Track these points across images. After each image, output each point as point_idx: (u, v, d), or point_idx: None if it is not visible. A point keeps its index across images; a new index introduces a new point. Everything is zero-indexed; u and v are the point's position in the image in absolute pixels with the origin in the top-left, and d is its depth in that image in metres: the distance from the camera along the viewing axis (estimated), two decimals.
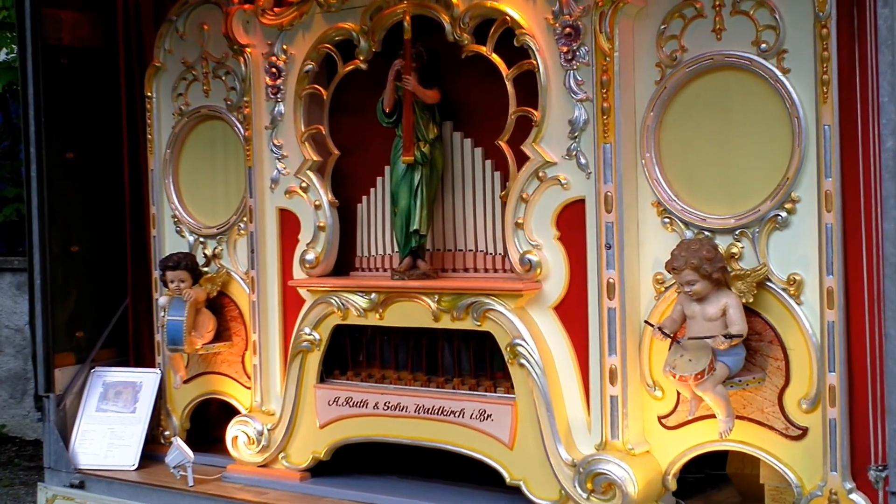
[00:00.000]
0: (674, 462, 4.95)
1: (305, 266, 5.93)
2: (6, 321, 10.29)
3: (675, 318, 4.82)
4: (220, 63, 6.41)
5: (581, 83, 5.04)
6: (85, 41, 6.90)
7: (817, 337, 4.57)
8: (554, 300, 5.20)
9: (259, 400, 6.15)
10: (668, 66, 4.89)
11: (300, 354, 5.88)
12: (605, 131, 4.94)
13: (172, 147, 6.65)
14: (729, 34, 4.74)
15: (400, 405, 5.59)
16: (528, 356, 5.16)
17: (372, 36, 5.68)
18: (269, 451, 6.00)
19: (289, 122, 6.00)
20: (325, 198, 5.91)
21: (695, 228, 4.85)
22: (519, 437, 5.23)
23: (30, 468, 9.06)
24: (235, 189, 6.38)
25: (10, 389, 10.35)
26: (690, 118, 4.87)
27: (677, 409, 4.93)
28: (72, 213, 6.82)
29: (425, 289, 5.47)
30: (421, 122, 5.54)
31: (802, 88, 4.56)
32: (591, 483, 4.96)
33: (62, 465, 6.50)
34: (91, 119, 6.91)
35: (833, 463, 4.54)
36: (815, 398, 4.59)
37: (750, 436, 4.76)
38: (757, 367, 4.74)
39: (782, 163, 4.64)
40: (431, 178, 5.57)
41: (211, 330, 6.41)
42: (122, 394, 6.67)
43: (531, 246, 5.21)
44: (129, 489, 6.21)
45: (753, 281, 4.69)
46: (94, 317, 6.94)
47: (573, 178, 5.09)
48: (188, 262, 6.37)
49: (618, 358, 4.95)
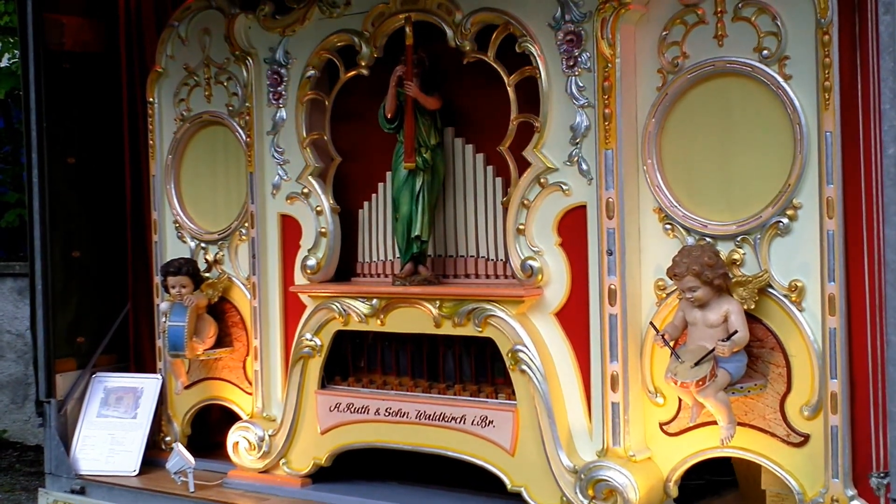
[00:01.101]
0: (675, 469, 4.95)
1: (307, 272, 5.92)
2: (7, 326, 10.29)
3: (676, 325, 4.81)
4: (222, 68, 6.41)
5: (582, 89, 5.04)
6: (87, 46, 6.90)
7: (819, 343, 4.56)
8: (555, 306, 5.20)
9: (260, 406, 6.14)
10: (670, 72, 4.89)
11: (301, 360, 5.88)
12: (606, 137, 4.93)
13: (174, 152, 6.65)
14: (730, 40, 4.74)
15: (401, 411, 5.59)
16: (530, 362, 5.15)
17: (374, 42, 5.68)
18: (270, 456, 6.00)
19: (290, 127, 6.00)
20: (327, 203, 5.91)
21: (696, 235, 4.85)
22: (520, 444, 5.23)
23: (31, 473, 9.06)
24: (237, 194, 6.38)
25: (12, 394, 10.35)
26: (692, 124, 4.86)
27: (679, 416, 4.92)
28: (73, 218, 6.82)
29: (427, 295, 5.46)
30: (422, 128, 5.54)
31: (804, 95, 4.56)
32: (593, 489, 4.95)
33: (63, 470, 6.50)
34: (92, 124, 6.91)
35: (835, 470, 4.53)
36: (817, 405, 4.58)
37: (751, 442, 4.75)
38: (758, 373, 4.73)
39: (784, 169, 4.63)
40: (433, 184, 5.57)
41: (212, 335, 6.40)
42: (123, 399, 6.67)
43: (532, 252, 5.21)
44: (130, 495, 6.21)
45: (755, 287, 4.68)
46: (96, 322, 6.93)
47: (575, 185, 5.09)
48: (189, 268, 6.36)
49: (619, 364, 4.94)
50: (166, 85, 6.68)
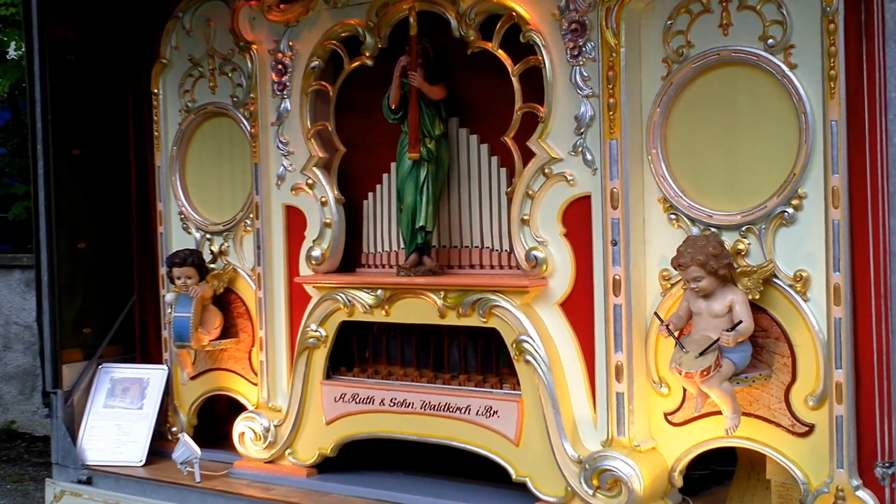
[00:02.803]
0: (680, 459, 4.95)
1: (311, 263, 5.93)
2: (15, 318, 10.32)
3: (681, 315, 4.81)
4: (227, 59, 6.40)
5: (587, 79, 5.02)
6: (91, 38, 6.90)
7: (824, 333, 4.55)
8: (560, 297, 5.20)
9: (266, 396, 6.15)
10: (675, 61, 4.87)
11: (306, 351, 5.88)
12: (611, 127, 4.92)
13: (179, 144, 6.66)
14: (736, 29, 4.72)
15: (406, 401, 5.59)
16: (534, 353, 5.15)
17: (378, 32, 5.67)
18: (276, 447, 6.01)
19: (295, 118, 6.00)
20: (332, 194, 5.91)
21: (701, 225, 4.84)
22: (525, 434, 5.23)
23: (39, 464, 9.10)
24: (242, 186, 6.38)
25: (20, 385, 10.38)
26: (697, 114, 4.85)
27: (683, 406, 4.92)
28: (78, 210, 6.83)
29: (431, 285, 5.46)
30: (427, 119, 5.53)
31: (809, 84, 4.54)
32: (597, 479, 4.96)
33: (70, 461, 6.52)
34: (97, 116, 6.90)
35: (840, 459, 4.52)
36: (822, 395, 4.58)
37: (756, 432, 4.75)
38: (763, 363, 4.73)
39: (789, 159, 4.62)
40: (437, 174, 5.56)
41: (217, 326, 6.41)
42: (130, 390, 6.68)
43: (537, 242, 5.20)
44: (137, 485, 6.23)
45: (760, 277, 4.67)
46: (102, 313, 6.95)
47: (579, 175, 5.08)
48: (195, 259, 6.37)
49: (624, 355, 4.94)
50: (171, 76, 6.67)
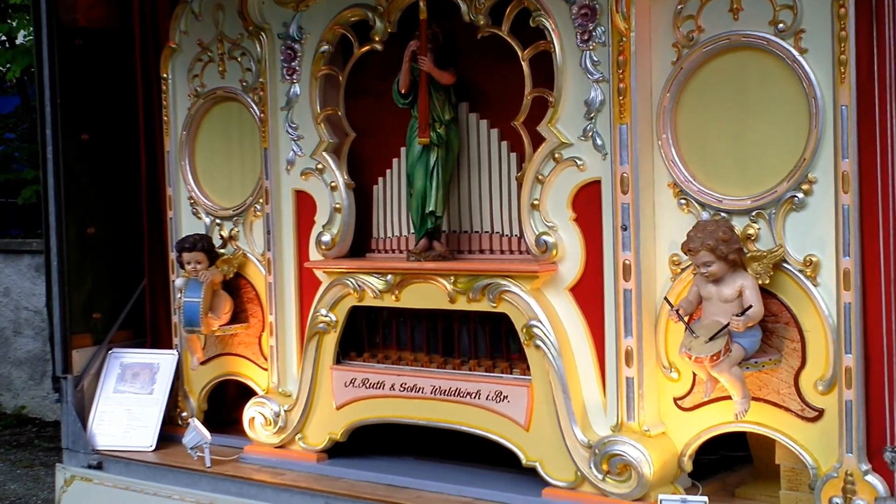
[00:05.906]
0: (689, 443, 4.95)
1: (321, 248, 5.93)
2: (25, 303, 10.35)
3: (691, 300, 4.81)
4: (236, 44, 6.39)
5: (597, 64, 5.01)
6: (100, 22, 6.89)
7: (833, 318, 4.55)
8: (570, 281, 5.19)
9: (276, 381, 6.16)
10: (685, 46, 4.86)
11: (317, 336, 5.89)
12: (621, 112, 4.92)
13: (188, 128, 6.66)
14: (746, 14, 4.71)
15: (416, 386, 5.60)
16: (544, 337, 5.15)
17: (387, 17, 5.66)
18: (286, 432, 6.03)
19: (304, 103, 5.99)
20: (341, 179, 5.91)
21: (711, 210, 4.84)
22: (535, 419, 5.24)
23: (49, 449, 9.13)
24: (251, 170, 6.38)
25: (30, 371, 10.42)
26: (707, 99, 4.84)
27: (693, 391, 4.92)
28: (88, 194, 6.84)
29: (441, 270, 5.46)
30: (437, 104, 5.52)
31: (820, 68, 4.53)
32: (607, 464, 4.97)
33: (80, 446, 6.55)
34: (106, 100, 6.90)
35: (849, 444, 4.52)
36: (832, 380, 4.58)
37: (766, 417, 4.75)
38: (773, 348, 4.73)
39: (799, 144, 4.61)
40: (447, 159, 5.56)
41: (227, 311, 6.42)
42: (140, 375, 6.70)
43: (547, 227, 5.20)
44: (147, 470, 6.25)
45: (770, 262, 4.67)
46: (111, 298, 6.96)
47: (589, 160, 5.08)
48: (204, 244, 6.37)
49: (633, 339, 4.94)
50: (180, 61, 6.67)
